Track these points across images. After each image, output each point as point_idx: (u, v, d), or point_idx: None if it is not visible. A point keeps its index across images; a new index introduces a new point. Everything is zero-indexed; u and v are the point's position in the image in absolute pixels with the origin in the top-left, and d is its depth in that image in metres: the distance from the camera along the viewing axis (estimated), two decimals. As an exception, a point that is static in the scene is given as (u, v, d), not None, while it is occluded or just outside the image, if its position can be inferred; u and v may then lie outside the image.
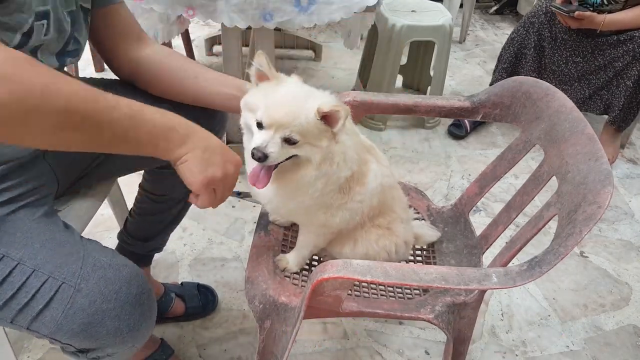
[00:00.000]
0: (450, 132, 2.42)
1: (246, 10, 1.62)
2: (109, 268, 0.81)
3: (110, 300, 0.79)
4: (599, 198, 0.76)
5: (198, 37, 3.13)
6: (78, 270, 0.79)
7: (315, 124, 0.83)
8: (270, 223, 1.16)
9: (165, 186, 1.24)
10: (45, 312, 0.78)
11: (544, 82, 1.06)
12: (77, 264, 0.80)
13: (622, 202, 2.11)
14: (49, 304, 0.77)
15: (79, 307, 0.77)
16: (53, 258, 0.80)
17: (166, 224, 1.33)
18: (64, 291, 0.78)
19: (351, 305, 0.95)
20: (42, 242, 0.81)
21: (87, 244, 0.85)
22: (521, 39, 2.25)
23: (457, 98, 1.17)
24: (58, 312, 0.77)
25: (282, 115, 0.82)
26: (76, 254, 0.81)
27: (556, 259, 0.75)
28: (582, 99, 2.25)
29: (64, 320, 0.77)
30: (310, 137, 0.84)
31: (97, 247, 0.85)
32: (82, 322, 0.78)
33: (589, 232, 0.74)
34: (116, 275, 0.81)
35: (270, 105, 0.83)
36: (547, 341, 1.51)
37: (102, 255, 0.83)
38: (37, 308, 0.78)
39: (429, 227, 1.23)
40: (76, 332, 0.78)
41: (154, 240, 1.34)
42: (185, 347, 1.40)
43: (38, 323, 0.79)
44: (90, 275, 0.79)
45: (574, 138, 0.92)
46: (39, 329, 0.80)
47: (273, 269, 1.05)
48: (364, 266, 0.76)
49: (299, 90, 0.89)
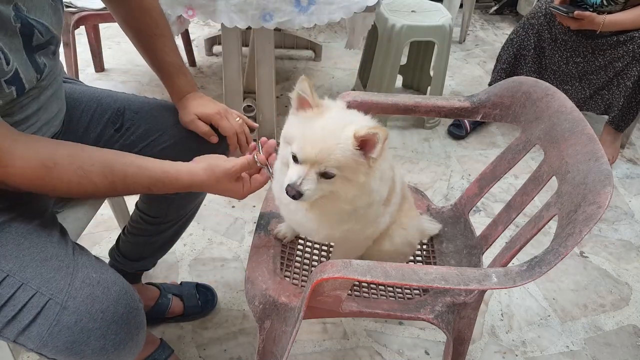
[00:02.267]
0: (451, 133, 2.42)
1: (246, 11, 1.62)
2: (97, 285, 0.80)
3: (96, 319, 0.78)
4: (599, 198, 0.76)
5: (198, 37, 3.13)
6: (66, 286, 0.78)
7: (352, 156, 0.80)
8: (270, 223, 1.16)
9: (160, 209, 1.23)
10: (32, 328, 0.77)
11: (543, 82, 1.06)
12: (66, 280, 0.79)
13: (622, 202, 2.11)
14: (35, 320, 0.77)
15: (65, 325, 0.77)
16: (42, 272, 0.79)
17: (157, 247, 1.32)
18: (50, 308, 0.77)
19: (351, 305, 0.96)
20: (33, 255, 0.80)
21: (78, 258, 0.83)
22: (520, 40, 2.25)
23: (457, 98, 1.18)
24: (43, 329, 0.77)
25: (318, 152, 0.78)
26: (65, 269, 0.80)
27: (556, 259, 0.75)
28: (583, 98, 2.25)
29: (48, 337, 0.77)
30: (348, 171, 0.81)
31: (88, 261, 0.84)
32: (67, 340, 0.77)
33: (589, 232, 0.74)
34: (104, 294, 0.80)
35: (307, 139, 0.80)
36: (547, 341, 1.51)
37: (92, 271, 0.82)
38: (23, 322, 0.77)
39: (429, 220, 1.24)
40: (61, 350, 0.78)
41: (144, 261, 1.34)
42: (185, 347, 1.40)
43: (24, 337, 0.78)
44: (77, 292, 0.78)
45: (574, 138, 0.92)
46: (25, 342, 0.79)
47: (273, 269, 1.05)
48: (364, 266, 0.76)
49: (337, 121, 0.83)
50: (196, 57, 2.85)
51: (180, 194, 1.17)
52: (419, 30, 2.21)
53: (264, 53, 1.84)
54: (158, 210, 1.23)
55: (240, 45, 1.86)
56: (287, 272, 1.09)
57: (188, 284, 1.51)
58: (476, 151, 2.35)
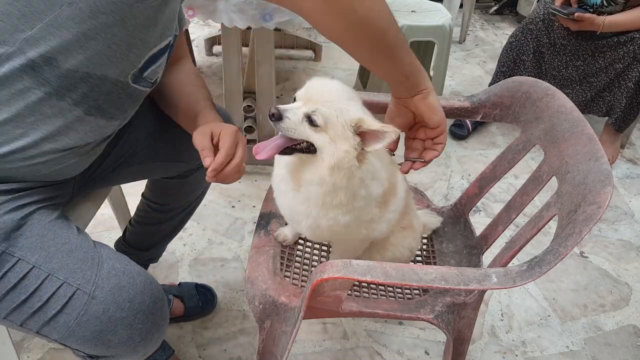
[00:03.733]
0: (452, 133, 2.42)
1: (246, 11, 1.61)
2: (123, 276, 0.80)
3: (123, 309, 0.78)
4: (599, 198, 0.76)
5: (198, 37, 3.13)
6: (93, 277, 0.79)
7: (344, 125, 0.80)
8: (270, 223, 1.16)
9: (169, 196, 1.24)
10: (59, 318, 0.77)
11: (543, 82, 1.06)
12: (93, 271, 0.79)
13: (622, 202, 2.11)
14: (62, 310, 0.77)
15: (93, 315, 0.77)
16: (68, 263, 0.79)
17: (165, 235, 1.34)
18: (78, 298, 0.77)
19: (351, 305, 0.96)
20: (58, 247, 0.80)
21: (101, 250, 0.84)
22: (519, 45, 2.25)
23: (457, 98, 1.17)
24: (71, 319, 0.77)
25: (318, 91, 0.81)
26: (91, 260, 0.81)
27: (556, 259, 0.75)
28: (585, 101, 2.25)
29: (76, 327, 0.77)
30: (332, 131, 0.81)
31: (111, 253, 0.85)
32: (94, 329, 0.77)
33: (589, 232, 0.74)
34: (130, 284, 0.80)
35: (313, 83, 0.84)
36: (547, 341, 1.51)
37: (117, 262, 0.83)
38: (50, 313, 0.77)
39: (429, 214, 1.25)
40: (87, 339, 0.78)
41: (151, 250, 1.35)
42: (185, 347, 1.40)
43: (49, 328, 0.78)
44: (105, 282, 0.79)
45: (573, 138, 0.92)
46: (49, 333, 0.79)
47: (273, 270, 1.05)
48: (364, 266, 0.76)
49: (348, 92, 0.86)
50: (196, 57, 2.85)
51: (187, 180, 1.18)
52: (419, 30, 2.21)
53: (264, 53, 1.84)
54: (166, 198, 1.24)
55: (240, 45, 1.85)
56: (287, 272, 1.09)
57: (187, 284, 1.51)
58: (476, 151, 2.35)
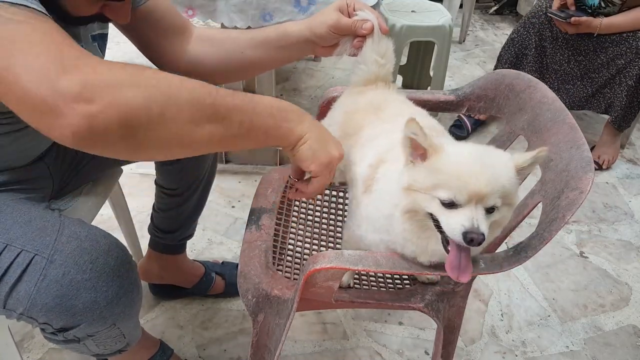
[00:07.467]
0: (452, 133, 2.42)
1: (246, 10, 1.62)
2: (85, 239, 0.78)
3: (85, 270, 0.75)
4: (581, 184, 0.78)
5: (198, 37, 3.13)
6: (52, 242, 0.76)
7: (516, 181, 0.74)
8: (261, 218, 1.16)
9: (173, 180, 1.25)
10: (19, 287, 0.75)
11: (525, 74, 1.07)
12: (52, 237, 0.77)
13: (622, 202, 2.11)
14: (21, 277, 0.75)
15: (52, 279, 0.74)
16: (26, 232, 0.77)
17: (187, 215, 1.35)
18: (36, 263, 0.75)
19: (343, 295, 0.97)
20: (15, 219, 0.79)
21: (66, 220, 0.81)
22: (521, 40, 2.25)
23: (442, 92, 1.20)
24: (30, 285, 0.74)
25: (484, 185, 0.70)
26: (51, 227, 0.78)
27: (541, 244, 0.77)
28: (585, 97, 2.24)
29: (36, 294, 0.74)
30: (509, 197, 0.74)
31: (76, 221, 0.82)
32: (56, 294, 0.74)
33: (572, 216, 0.75)
34: (93, 246, 0.77)
35: (464, 177, 0.71)
36: (547, 341, 1.51)
37: (79, 227, 0.80)
38: (9, 283, 0.75)
39: None
40: (51, 307, 0.75)
41: (181, 230, 1.37)
42: (185, 347, 1.40)
43: (13, 300, 0.76)
44: (64, 246, 0.76)
45: (555, 127, 0.93)
46: (14, 307, 0.77)
47: (265, 263, 1.05)
48: (355, 256, 0.78)
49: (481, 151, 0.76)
50: (196, 57, 2.85)
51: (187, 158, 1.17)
52: (419, 30, 2.21)
53: (264, 53, 1.84)
54: (173, 183, 1.25)
55: (240, 45, 1.86)
56: (279, 265, 1.09)
57: (230, 263, 1.56)
58: (476, 151, 2.35)
